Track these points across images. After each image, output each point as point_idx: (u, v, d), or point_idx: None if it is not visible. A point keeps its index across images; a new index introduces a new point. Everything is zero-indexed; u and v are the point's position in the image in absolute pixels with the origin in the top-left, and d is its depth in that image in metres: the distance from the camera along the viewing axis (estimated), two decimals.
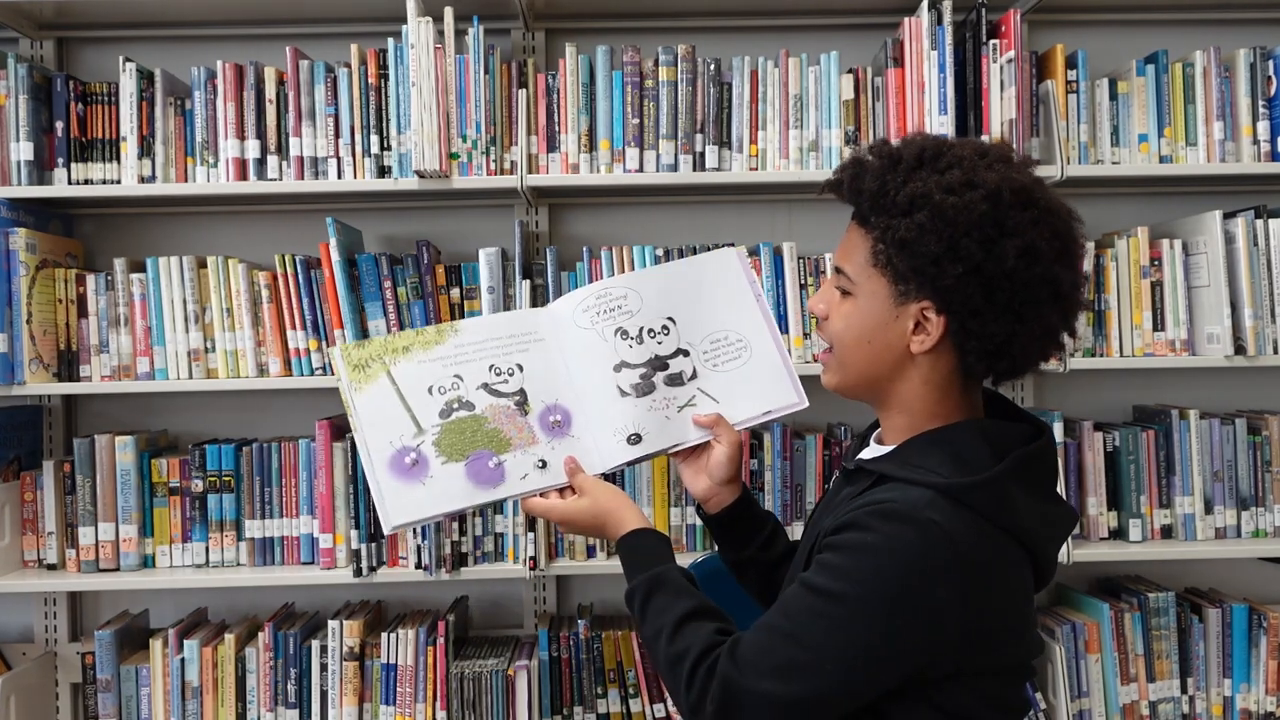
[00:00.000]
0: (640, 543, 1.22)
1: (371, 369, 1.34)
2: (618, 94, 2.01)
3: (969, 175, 1.04)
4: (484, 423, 1.34)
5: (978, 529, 1.01)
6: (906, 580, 0.98)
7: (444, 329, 1.38)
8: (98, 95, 2.03)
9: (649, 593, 1.15)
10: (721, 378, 1.38)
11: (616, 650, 2.03)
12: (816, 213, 2.27)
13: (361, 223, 2.18)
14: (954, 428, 1.10)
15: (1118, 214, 2.24)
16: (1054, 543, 1.12)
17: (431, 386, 1.34)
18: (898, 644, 0.99)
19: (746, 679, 1.01)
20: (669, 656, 1.08)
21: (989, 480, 1.03)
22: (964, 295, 1.04)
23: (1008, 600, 1.05)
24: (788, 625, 1.02)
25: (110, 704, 2.00)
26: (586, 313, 1.39)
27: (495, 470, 1.32)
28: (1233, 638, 2.06)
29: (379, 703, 1.99)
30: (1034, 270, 1.03)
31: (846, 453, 1.32)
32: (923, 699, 1.03)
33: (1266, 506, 2.07)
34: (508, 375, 1.36)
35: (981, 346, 1.06)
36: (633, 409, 1.35)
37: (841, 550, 1.02)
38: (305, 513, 2.01)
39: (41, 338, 1.96)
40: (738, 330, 1.40)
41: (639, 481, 2.03)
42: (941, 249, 1.03)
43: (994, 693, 1.07)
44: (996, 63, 1.98)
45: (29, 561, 2.05)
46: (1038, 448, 1.09)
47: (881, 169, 1.08)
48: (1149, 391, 2.28)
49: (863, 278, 1.11)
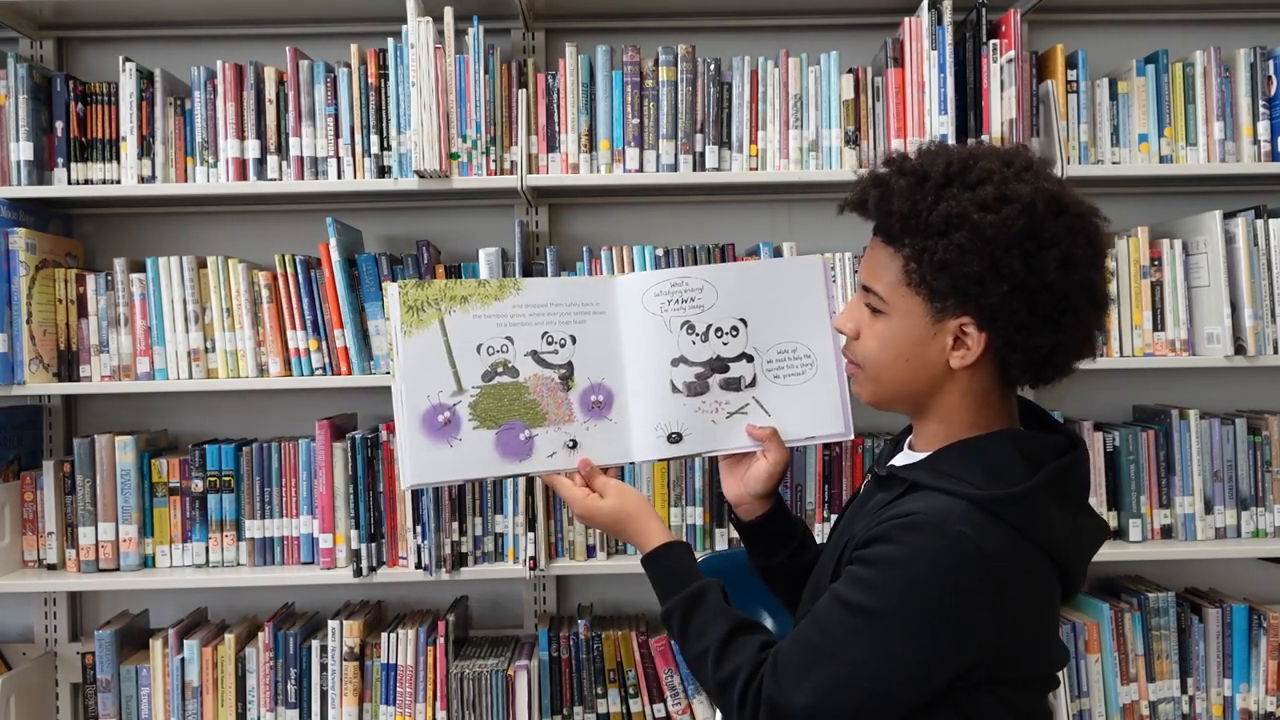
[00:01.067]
0: (669, 559, 1.22)
1: (426, 314, 1.27)
2: (618, 94, 2.01)
3: (1001, 189, 1.02)
4: (524, 392, 1.29)
5: (1009, 542, 1.00)
6: (939, 595, 0.98)
7: (506, 284, 1.31)
8: (98, 95, 2.03)
9: (687, 614, 1.15)
10: (780, 390, 1.34)
11: (616, 650, 2.03)
12: (817, 213, 2.27)
13: (361, 223, 2.18)
14: (989, 438, 1.09)
15: (1118, 214, 2.21)
16: (1084, 555, 1.11)
17: (481, 345, 1.28)
18: (933, 658, 1.00)
19: (790, 699, 1.02)
20: (718, 681, 1.09)
21: (1023, 494, 1.02)
22: (1008, 311, 1.02)
23: (1036, 612, 1.05)
24: (825, 642, 1.02)
25: (110, 704, 2.00)
26: (659, 297, 1.33)
27: (525, 443, 1.28)
28: (1233, 638, 2.06)
29: (379, 703, 1.99)
30: (1073, 278, 1.02)
31: (879, 457, 1.30)
32: (951, 707, 1.03)
33: (1266, 506, 2.07)
34: (559, 346, 1.31)
35: (1026, 359, 1.06)
36: (680, 407, 1.32)
37: (873, 565, 1.01)
38: (305, 513, 2.01)
39: (41, 338, 1.96)
40: (807, 345, 1.34)
41: (638, 482, 2.03)
42: (983, 268, 1.01)
43: (1018, 702, 1.07)
44: (996, 63, 1.98)
45: (29, 561, 2.05)
46: (1072, 460, 1.08)
47: (909, 188, 1.06)
48: (1149, 391, 2.28)
49: (895, 297, 1.09)
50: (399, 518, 1.99)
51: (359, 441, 1.97)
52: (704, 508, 2.04)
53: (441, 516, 1.97)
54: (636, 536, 1.25)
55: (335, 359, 1.97)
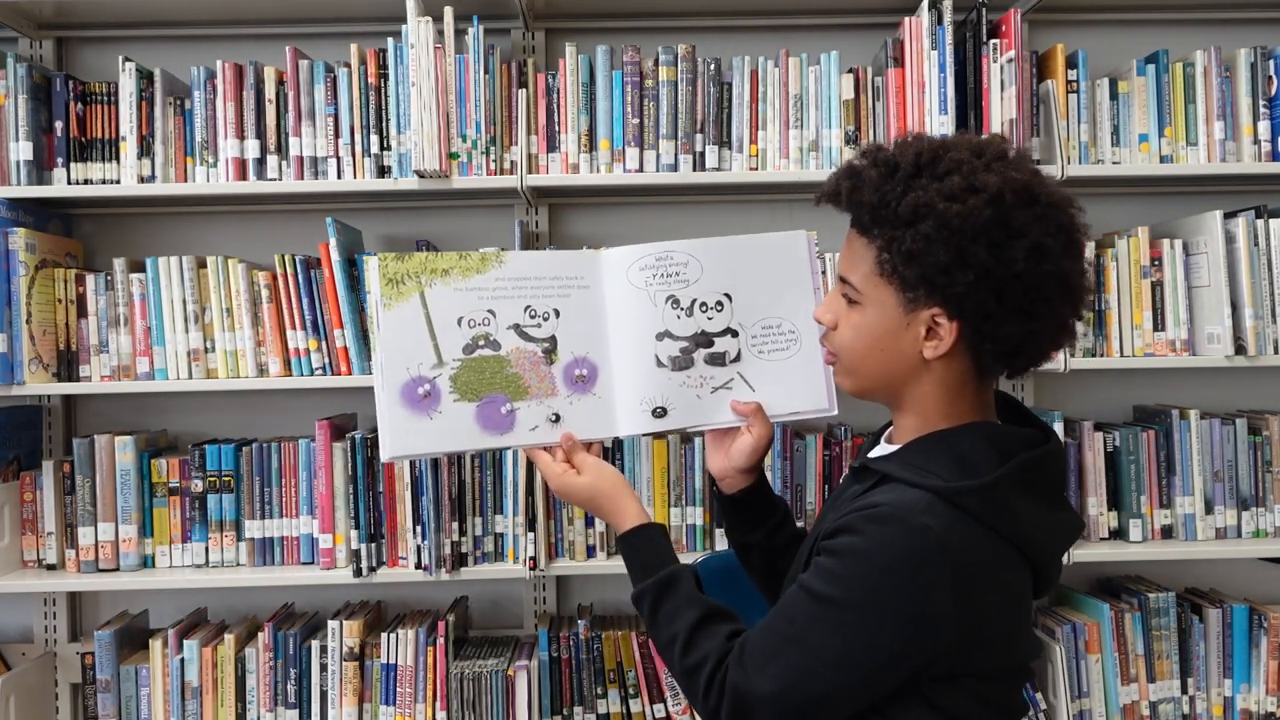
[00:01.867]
0: (643, 541, 1.22)
1: (406, 286, 1.27)
2: (618, 94, 2.01)
3: (969, 180, 1.03)
4: (506, 365, 1.29)
5: (973, 533, 1.01)
6: (900, 586, 0.99)
7: (488, 256, 1.31)
8: (97, 95, 2.03)
9: (658, 597, 1.16)
10: (764, 366, 1.34)
11: (616, 650, 2.03)
12: (817, 213, 2.23)
13: (361, 223, 2.18)
14: (960, 430, 1.10)
15: (1118, 214, 2.24)
16: (1055, 550, 1.11)
17: (462, 318, 1.28)
18: (894, 648, 1.00)
19: (754, 685, 1.03)
20: (685, 667, 1.10)
21: (987, 485, 1.02)
22: (976, 301, 1.03)
23: (1004, 604, 1.05)
24: (789, 630, 1.03)
25: (110, 704, 2.00)
26: (644, 271, 1.33)
27: (506, 417, 1.28)
28: (1233, 638, 2.06)
29: (379, 703, 1.99)
30: (1043, 268, 1.03)
31: (859, 449, 1.31)
32: (920, 699, 1.04)
33: (1267, 506, 2.07)
34: (542, 319, 1.31)
35: (997, 348, 1.07)
36: (665, 381, 1.32)
37: (837, 555, 1.02)
38: (305, 513, 2.01)
39: (41, 338, 1.96)
40: (792, 320, 1.35)
41: (638, 482, 2.03)
42: (949, 258, 1.02)
43: (991, 695, 1.07)
44: (997, 62, 1.98)
45: (29, 561, 2.05)
46: (1041, 453, 1.08)
47: (879, 179, 1.07)
48: (1149, 391, 2.28)
49: (869, 287, 1.10)
50: (399, 518, 1.99)
51: (359, 441, 1.97)
52: (704, 508, 2.04)
53: (441, 517, 1.97)
54: (612, 516, 1.25)
55: (335, 359, 1.97)
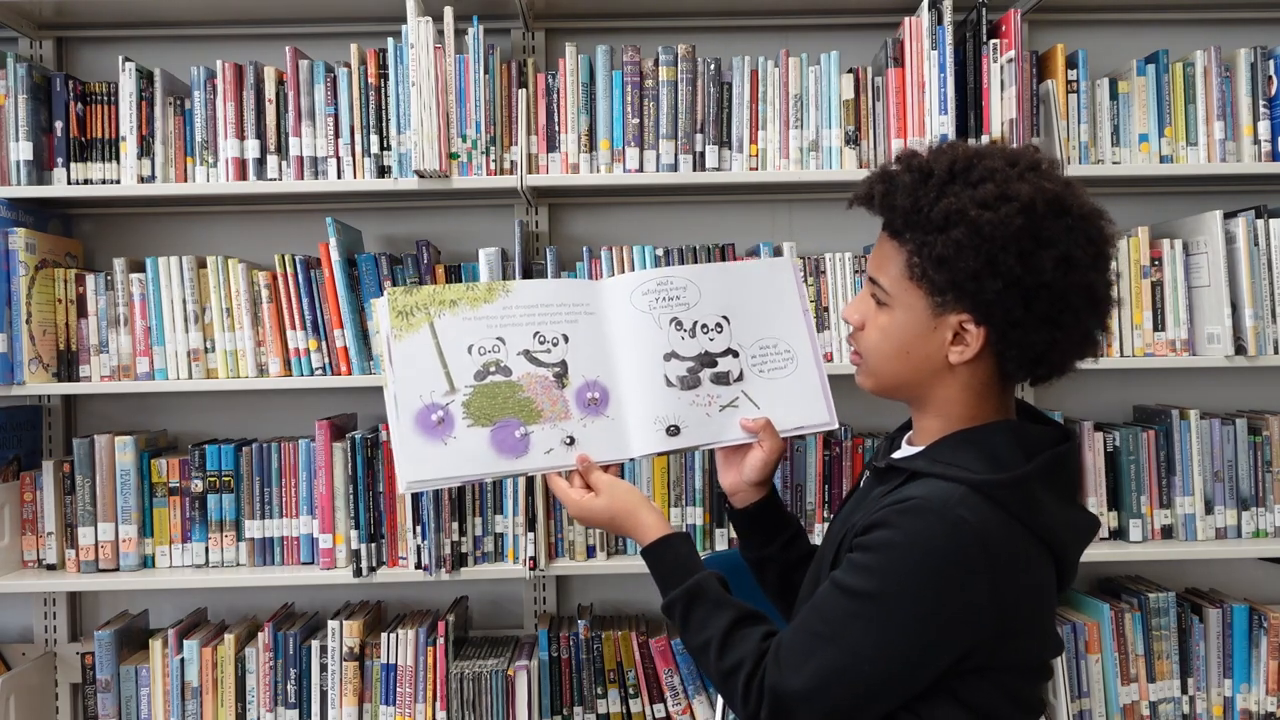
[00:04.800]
0: (668, 552, 1.22)
1: (415, 318, 1.29)
2: (618, 94, 2.01)
3: (1002, 188, 1.04)
4: (518, 390, 1.30)
5: (1007, 526, 1.02)
6: (937, 578, 0.99)
7: (495, 287, 1.33)
8: (97, 95, 2.03)
9: (688, 606, 1.16)
10: (766, 384, 1.37)
11: (616, 650, 2.03)
12: (817, 212, 2.26)
13: (361, 223, 2.18)
14: (986, 428, 1.11)
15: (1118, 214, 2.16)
16: (1076, 547, 1.12)
17: (472, 346, 1.30)
18: (932, 640, 1.01)
19: (791, 685, 1.03)
20: (721, 671, 1.10)
21: (1019, 479, 1.04)
22: (1004, 308, 1.04)
23: (1034, 598, 1.06)
24: (825, 628, 1.04)
25: (110, 704, 2.00)
26: (646, 296, 1.36)
27: (520, 440, 1.29)
28: (1233, 638, 2.06)
29: (379, 703, 1.99)
30: (1071, 279, 1.04)
31: (876, 453, 1.32)
32: (948, 694, 1.04)
33: (1267, 506, 2.07)
34: (551, 345, 1.33)
35: (1022, 355, 1.08)
36: (676, 400, 1.34)
37: (872, 550, 1.03)
38: (305, 513, 2.01)
39: (41, 338, 1.96)
40: (787, 340, 1.39)
41: (638, 483, 2.03)
42: (979, 265, 1.03)
43: (1016, 689, 1.08)
44: (997, 62, 1.98)
45: (29, 562, 2.05)
46: (1067, 449, 1.10)
47: (913, 184, 1.08)
48: (1149, 391, 2.28)
49: (898, 290, 1.11)
50: (399, 518, 1.99)
51: (359, 441, 1.97)
52: (704, 508, 2.04)
53: (441, 517, 1.97)
54: (634, 531, 1.25)
55: (335, 359, 1.97)
